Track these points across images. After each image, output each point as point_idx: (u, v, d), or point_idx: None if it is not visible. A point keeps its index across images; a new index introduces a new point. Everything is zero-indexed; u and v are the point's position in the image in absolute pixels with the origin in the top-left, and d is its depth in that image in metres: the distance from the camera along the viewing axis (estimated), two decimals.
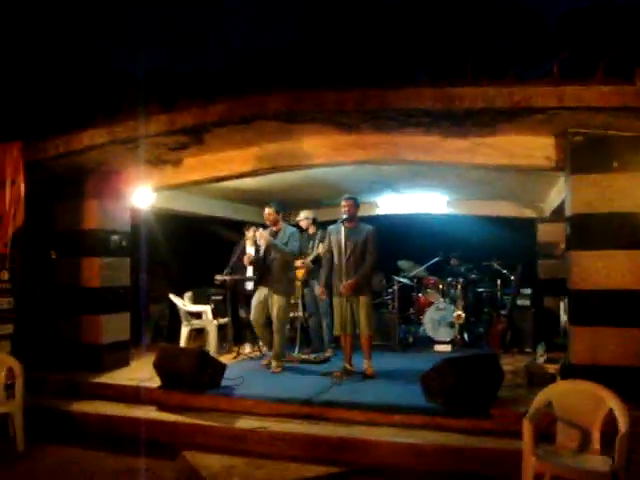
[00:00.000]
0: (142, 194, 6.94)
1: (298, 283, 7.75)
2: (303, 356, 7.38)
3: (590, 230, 5.05)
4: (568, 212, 5.31)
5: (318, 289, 6.99)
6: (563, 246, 6.73)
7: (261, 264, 6.92)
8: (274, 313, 6.71)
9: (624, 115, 4.68)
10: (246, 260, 7.38)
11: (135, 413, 5.49)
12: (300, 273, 7.68)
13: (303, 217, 8.00)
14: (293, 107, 5.14)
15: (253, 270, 7.39)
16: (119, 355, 6.93)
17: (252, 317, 6.89)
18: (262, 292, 6.83)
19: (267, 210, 6.86)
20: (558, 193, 7.12)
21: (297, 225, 7.93)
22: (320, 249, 7.33)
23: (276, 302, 6.70)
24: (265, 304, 6.77)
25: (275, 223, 6.88)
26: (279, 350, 6.83)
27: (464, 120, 5.04)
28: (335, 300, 6.49)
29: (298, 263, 7.73)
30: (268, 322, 6.85)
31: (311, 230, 7.91)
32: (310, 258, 7.65)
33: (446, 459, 4.47)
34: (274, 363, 6.79)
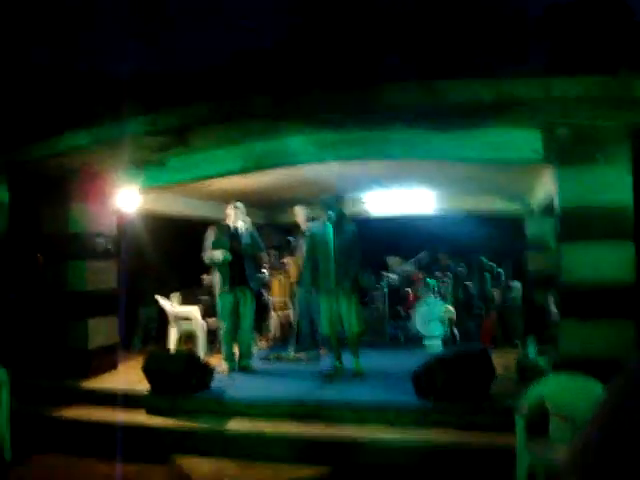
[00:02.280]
0: (128, 196, 6.86)
1: (292, 281, 7.71)
2: (293, 355, 7.33)
3: (578, 223, 5.02)
4: (556, 205, 5.29)
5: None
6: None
7: (233, 262, 6.60)
8: (249, 312, 6.73)
9: (609, 106, 4.68)
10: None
11: (124, 418, 5.41)
12: (293, 271, 7.62)
13: (298, 212, 7.81)
14: (278, 105, 5.10)
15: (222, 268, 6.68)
16: (107, 359, 6.85)
17: (226, 327, 6.68)
18: (232, 295, 6.65)
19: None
20: (545, 186, 7.11)
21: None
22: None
23: (251, 302, 6.74)
24: (237, 308, 6.70)
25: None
26: (250, 348, 6.97)
27: (450, 114, 5.02)
28: (323, 299, 6.44)
29: (290, 260, 7.67)
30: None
31: (305, 228, 7.61)
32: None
33: (439, 455, 4.45)
34: (249, 362, 6.83)
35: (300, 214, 7.76)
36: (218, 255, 6.54)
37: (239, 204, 6.80)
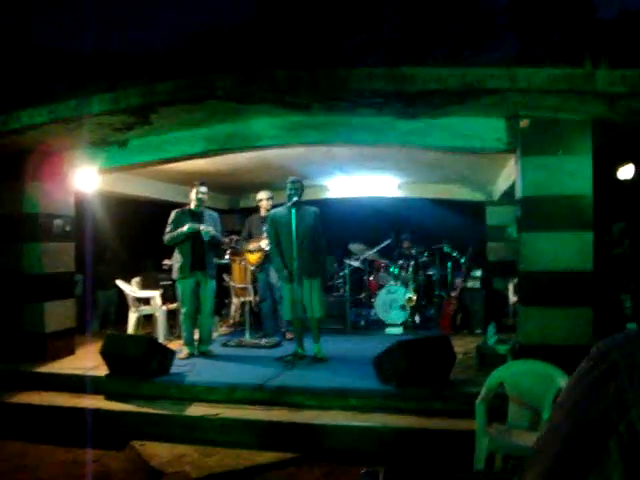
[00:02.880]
0: (87, 176, 6.67)
1: (252, 267, 7.63)
2: (254, 341, 7.29)
3: (540, 212, 5.10)
4: (518, 194, 5.35)
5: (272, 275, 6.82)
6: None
7: (194, 246, 6.57)
8: (210, 297, 6.69)
9: (573, 98, 4.73)
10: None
11: (81, 403, 5.31)
12: (253, 258, 7.54)
13: (265, 197, 7.71)
14: (243, 86, 5.01)
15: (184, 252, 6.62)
16: (64, 343, 6.69)
17: (186, 312, 6.62)
18: (192, 280, 6.60)
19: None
20: (507, 176, 7.20)
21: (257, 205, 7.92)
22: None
23: (211, 287, 6.70)
24: (197, 292, 6.66)
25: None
26: (211, 333, 6.95)
27: (416, 101, 5.01)
28: (286, 284, 6.39)
29: (251, 247, 7.59)
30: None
31: (264, 213, 7.59)
32: (267, 242, 7.43)
33: (400, 441, 4.48)
34: (209, 347, 6.80)
35: (263, 198, 7.70)
36: (183, 228, 6.46)
37: (203, 188, 6.68)
